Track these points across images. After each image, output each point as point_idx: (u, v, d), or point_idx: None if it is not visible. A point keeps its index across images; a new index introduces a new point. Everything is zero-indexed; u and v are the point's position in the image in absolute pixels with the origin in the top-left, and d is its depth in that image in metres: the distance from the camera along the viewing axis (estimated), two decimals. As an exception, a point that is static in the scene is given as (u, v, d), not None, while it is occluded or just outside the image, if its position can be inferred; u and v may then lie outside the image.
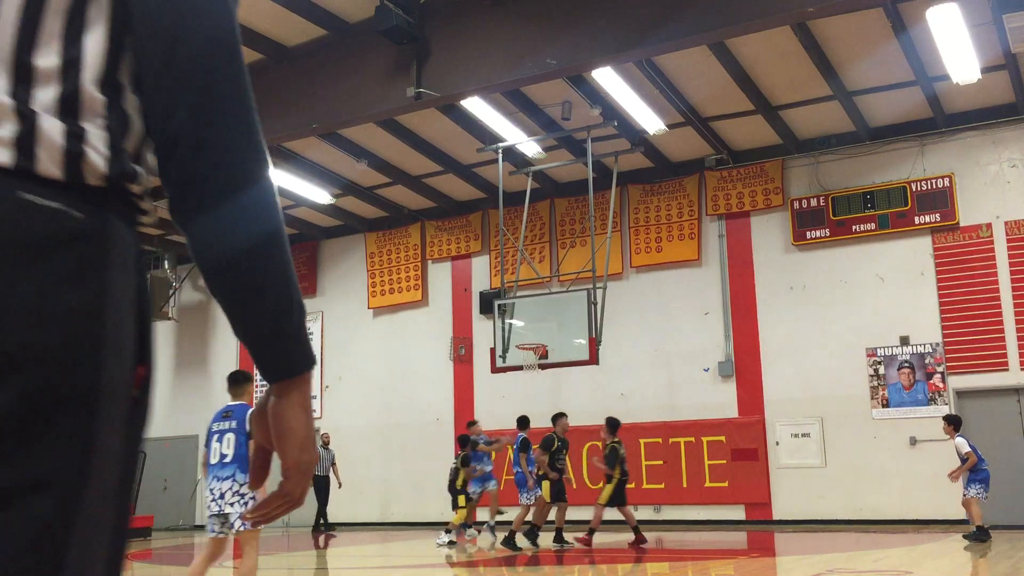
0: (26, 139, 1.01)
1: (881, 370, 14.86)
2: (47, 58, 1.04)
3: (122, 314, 1.04)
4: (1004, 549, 10.35)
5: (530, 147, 15.06)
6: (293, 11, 11.43)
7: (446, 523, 13.68)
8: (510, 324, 13.90)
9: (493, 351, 13.95)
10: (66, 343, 0.97)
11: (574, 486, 13.23)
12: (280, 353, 1.16)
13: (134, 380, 1.07)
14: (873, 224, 15.09)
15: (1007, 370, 14.03)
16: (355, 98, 12.08)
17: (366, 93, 11.97)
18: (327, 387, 19.91)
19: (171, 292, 21.28)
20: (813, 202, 15.62)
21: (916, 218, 14.81)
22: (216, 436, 6.84)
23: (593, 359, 13.11)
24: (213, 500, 6.56)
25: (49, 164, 1.02)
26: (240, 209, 1.08)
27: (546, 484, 12.34)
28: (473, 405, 17.97)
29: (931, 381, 14.50)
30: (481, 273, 18.40)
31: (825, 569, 8.73)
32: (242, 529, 6.37)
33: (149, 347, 1.12)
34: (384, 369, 19.22)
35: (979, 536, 11.04)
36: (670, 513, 15.85)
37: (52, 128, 1.02)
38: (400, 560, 12.44)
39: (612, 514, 12.51)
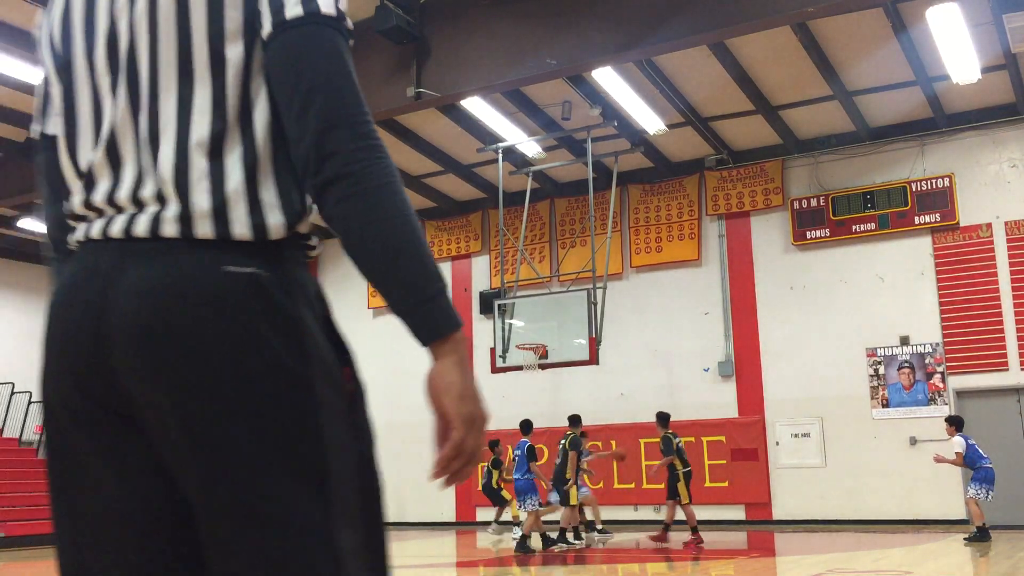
0: (221, 211, 1.28)
1: (881, 370, 14.86)
2: (232, 136, 1.30)
3: (316, 337, 1.30)
4: (1004, 549, 10.35)
5: (530, 147, 15.06)
6: (293, 11, 11.42)
7: (446, 523, 13.67)
8: (510, 324, 13.90)
9: (493, 351, 13.95)
10: (289, 384, 1.24)
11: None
12: (425, 318, 1.31)
13: (344, 379, 1.34)
14: (873, 224, 15.09)
15: (1007, 370, 14.02)
16: (355, 98, 12.07)
17: (366, 93, 11.72)
18: (327, 387, 19.91)
19: (171, 292, 21.26)
20: (813, 202, 15.62)
21: (916, 218, 14.80)
22: None
23: (593, 359, 13.11)
24: None
25: (241, 229, 1.29)
26: (371, 205, 1.30)
27: (574, 489, 12.21)
28: (473, 405, 17.96)
29: (931, 381, 14.50)
30: (481, 273, 18.40)
31: (825, 569, 8.74)
32: None
33: (345, 350, 1.39)
34: (384, 369, 19.21)
35: (980, 536, 11.05)
36: (670, 513, 15.83)
37: (239, 198, 1.29)
38: (400, 560, 12.44)
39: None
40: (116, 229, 1.30)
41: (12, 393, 20.09)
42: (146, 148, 1.31)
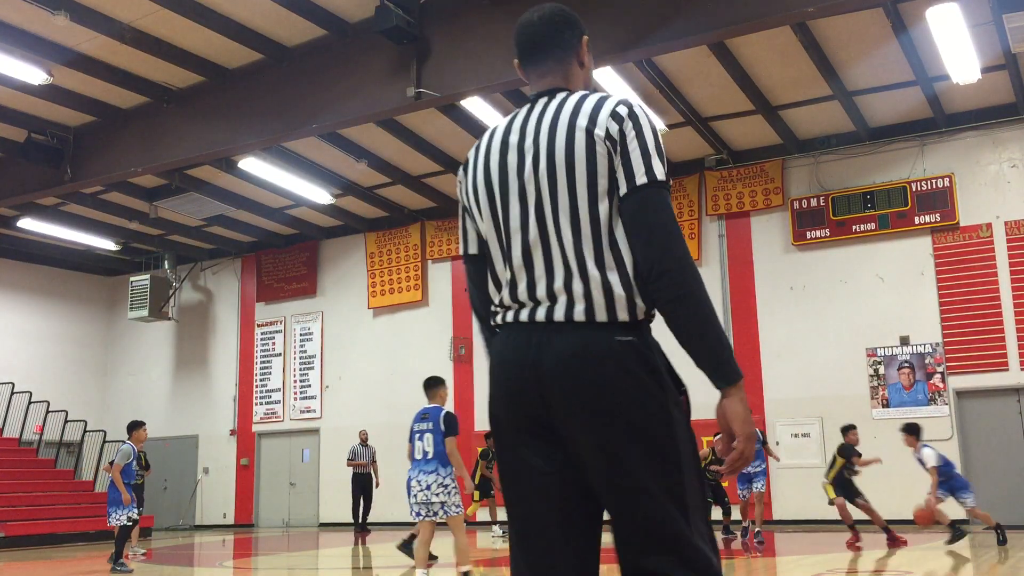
0: (610, 303, 2.06)
1: (881, 370, 14.87)
2: (608, 257, 2.08)
3: (667, 377, 2.08)
4: (1004, 549, 10.35)
5: (530, 147, 15.04)
6: (293, 11, 11.42)
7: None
8: (510, 324, 13.90)
9: (493, 351, 13.95)
10: (659, 403, 2.04)
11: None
12: (722, 371, 2.06)
13: (683, 402, 2.13)
14: (873, 224, 15.09)
15: (1007, 370, 14.02)
16: (355, 98, 12.07)
17: (366, 93, 11.96)
18: (327, 387, 19.90)
19: (171, 292, 21.28)
20: (813, 202, 15.62)
21: (916, 218, 14.81)
22: (418, 435, 7.97)
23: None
24: (421, 490, 7.73)
25: (623, 315, 2.06)
26: (685, 302, 2.06)
27: None
28: (473, 405, 17.97)
29: (931, 381, 14.51)
30: (481, 273, 18.38)
31: (825, 569, 8.73)
32: (448, 515, 7.70)
33: (681, 383, 2.13)
34: (384, 369, 19.21)
35: (1001, 537, 10.73)
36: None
37: (621, 294, 2.06)
38: (400, 560, 12.45)
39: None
40: (540, 315, 2.11)
41: (12, 393, 20.08)
42: (557, 264, 2.11)
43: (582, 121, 2.11)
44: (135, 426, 11.71)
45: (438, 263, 18.98)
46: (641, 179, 2.06)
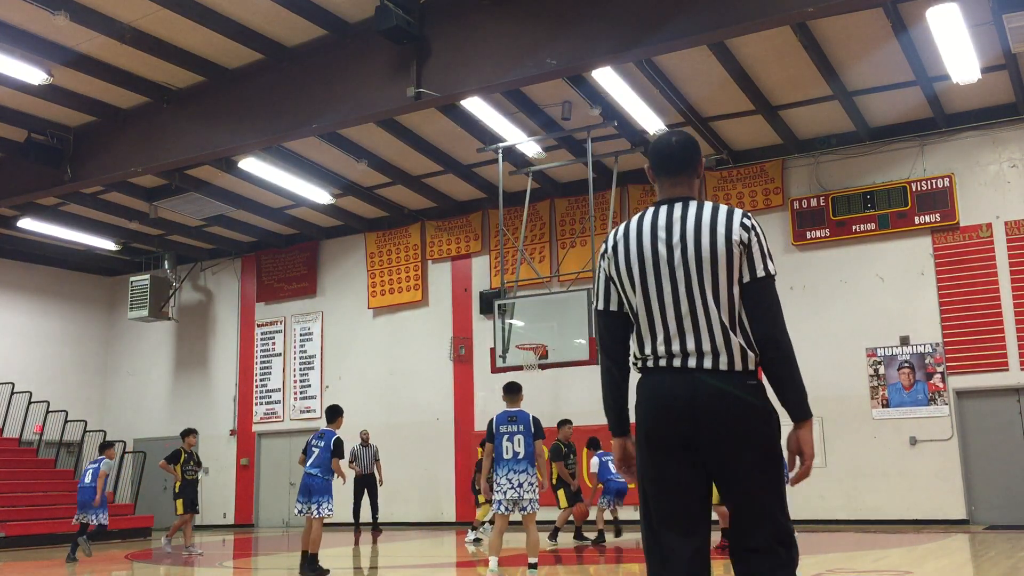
0: (742, 357, 2.90)
1: (881, 370, 14.87)
2: (736, 326, 2.92)
3: (775, 409, 2.94)
4: (1004, 549, 10.34)
5: (530, 147, 15.05)
6: (293, 11, 11.42)
7: (446, 523, 13.67)
8: (510, 324, 13.90)
9: (493, 351, 13.95)
10: (773, 427, 2.91)
11: (573, 489, 13.21)
12: (800, 410, 2.93)
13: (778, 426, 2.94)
14: (873, 224, 15.09)
15: (1007, 370, 14.02)
16: (355, 98, 12.07)
17: (366, 93, 11.96)
18: (327, 387, 19.91)
19: (171, 292, 21.28)
20: (813, 202, 15.62)
21: (916, 218, 14.80)
22: (506, 436, 8.63)
23: (593, 359, 13.09)
24: (512, 488, 8.49)
25: (749, 366, 2.91)
26: (784, 361, 2.95)
27: (562, 492, 12.97)
28: (473, 405, 17.97)
29: (931, 381, 14.50)
30: (481, 273, 18.40)
31: (825, 569, 8.73)
32: (531, 511, 8.49)
33: (775, 411, 2.97)
34: (384, 369, 19.21)
35: (598, 539, 12.64)
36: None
37: (747, 351, 2.91)
38: (401, 560, 12.45)
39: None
40: (692, 364, 2.90)
41: (12, 393, 20.08)
42: (703, 328, 2.91)
43: (721, 229, 2.95)
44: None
45: (438, 263, 18.97)
46: (761, 272, 2.95)
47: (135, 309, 20.58)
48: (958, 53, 11.71)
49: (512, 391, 8.90)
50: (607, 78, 12.33)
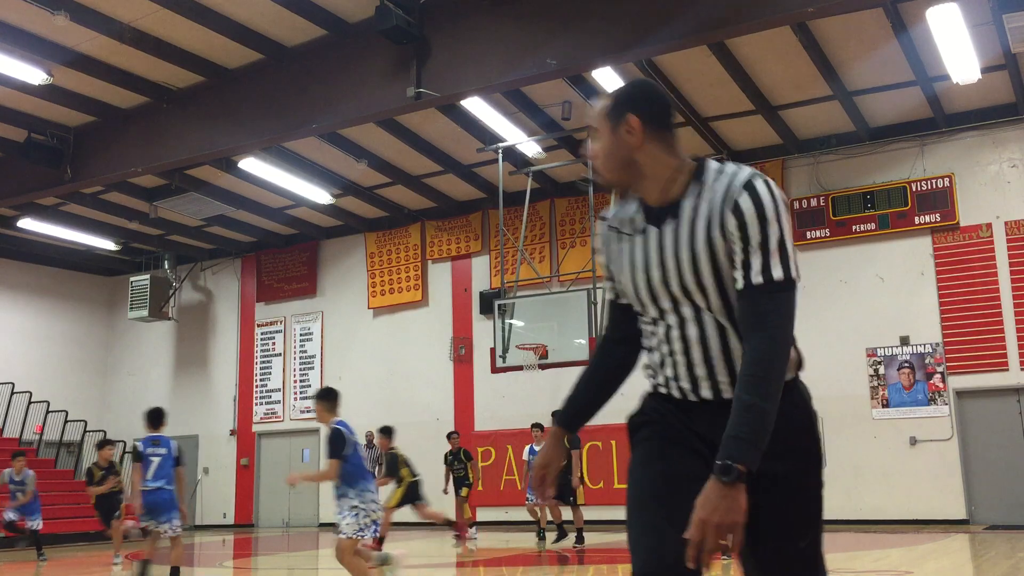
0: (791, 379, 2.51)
1: (881, 370, 14.87)
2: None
3: (815, 412, 2.60)
4: (1004, 549, 10.34)
5: (530, 147, 15.05)
6: (293, 11, 11.42)
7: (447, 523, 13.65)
8: (510, 324, 13.90)
9: (493, 351, 13.96)
10: (816, 434, 2.54)
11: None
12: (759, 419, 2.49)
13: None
14: (873, 224, 15.09)
15: (1007, 370, 14.02)
16: (355, 98, 12.07)
17: (366, 93, 11.96)
18: (327, 387, 19.89)
19: (171, 292, 21.28)
20: (813, 202, 15.62)
21: (916, 218, 14.80)
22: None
23: (593, 359, 13.10)
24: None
25: (790, 374, 2.52)
26: (772, 372, 2.37)
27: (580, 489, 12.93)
28: (473, 405, 17.97)
29: (931, 381, 14.50)
30: (481, 273, 18.40)
31: (825, 569, 8.72)
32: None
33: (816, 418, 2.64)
34: (384, 369, 19.21)
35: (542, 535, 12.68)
36: (670, 513, 15.83)
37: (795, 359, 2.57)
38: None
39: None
40: (706, 393, 2.57)
41: (12, 393, 20.07)
42: (699, 349, 2.58)
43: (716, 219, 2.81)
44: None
45: (438, 263, 18.97)
46: (757, 279, 2.79)
47: (135, 309, 20.58)
48: (958, 53, 11.70)
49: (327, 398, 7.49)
50: (607, 78, 12.33)
